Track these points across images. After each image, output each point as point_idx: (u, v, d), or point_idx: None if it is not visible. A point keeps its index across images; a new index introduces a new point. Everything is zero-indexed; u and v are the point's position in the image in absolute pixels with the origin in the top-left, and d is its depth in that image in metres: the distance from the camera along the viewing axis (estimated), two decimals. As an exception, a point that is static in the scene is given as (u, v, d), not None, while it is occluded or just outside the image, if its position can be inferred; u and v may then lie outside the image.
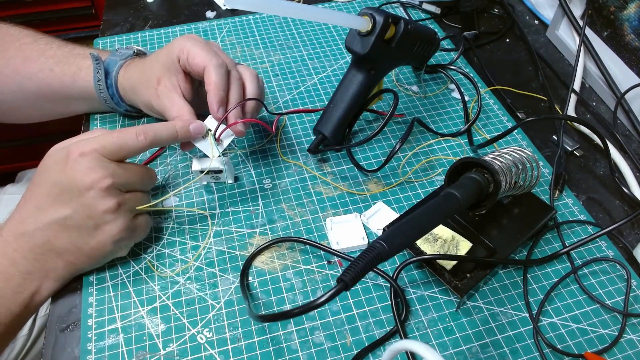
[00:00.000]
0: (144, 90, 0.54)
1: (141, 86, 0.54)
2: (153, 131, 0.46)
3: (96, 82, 0.57)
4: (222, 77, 0.50)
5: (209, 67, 0.49)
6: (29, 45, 0.58)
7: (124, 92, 0.58)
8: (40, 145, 1.28)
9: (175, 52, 0.51)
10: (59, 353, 0.44)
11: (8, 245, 0.44)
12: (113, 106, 0.59)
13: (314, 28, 0.78)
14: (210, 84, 0.49)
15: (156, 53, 0.55)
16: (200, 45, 0.51)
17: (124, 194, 0.45)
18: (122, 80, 0.57)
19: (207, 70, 0.49)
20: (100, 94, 0.57)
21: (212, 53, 0.50)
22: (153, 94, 0.52)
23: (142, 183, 0.47)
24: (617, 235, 0.52)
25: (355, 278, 0.33)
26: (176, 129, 0.47)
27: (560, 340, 0.44)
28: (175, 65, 0.52)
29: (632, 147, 0.60)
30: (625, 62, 0.63)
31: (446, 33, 0.76)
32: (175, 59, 0.51)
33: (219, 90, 0.49)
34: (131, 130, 0.45)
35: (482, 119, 0.64)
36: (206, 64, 0.49)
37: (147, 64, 0.55)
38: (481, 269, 0.46)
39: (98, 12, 1.13)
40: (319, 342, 0.44)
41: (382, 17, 0.50)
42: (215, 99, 0.49)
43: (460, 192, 0.41)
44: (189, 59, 0.50)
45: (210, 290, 0.47)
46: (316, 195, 0.55)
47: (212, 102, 0.49)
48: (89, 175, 0.42)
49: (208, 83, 0.49)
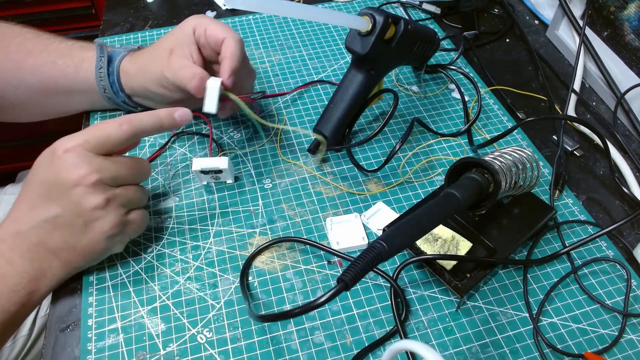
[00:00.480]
0: (154, 65, 0.53)
1: (151, 63, 0.54)
2: (137, 120, 0.45)
3: (97, 69, 0.56)
4: (240, 50, 0.51)
5: (229, 38, 0.50)
6: (31, 40, 0.58)
7: (126, 78, 0.57)
8: (40, 145, 1.28)
9: (190, 26, 0.52)
10: (59, 353, 0.44)
11: (4, 244, 0.43)
12: (111, 96, 0.58)
13: (314, 28, 0.78)
14: (227, 52, 0.50)
15: (166, 34, 0.55)
16: (220, 22, 0.52)
17: (113, 189, 0.44)
18: (127, 66, 0.57)
19: (227, 41, 0.50)
20: (100, 82, 0.57)
21: (232, 30, 0.51)
22: (165, 64, 0.52)
23: (133, 176, 0.46)
24: (617, 235, 0.52)
25: (355, 278, 0.33)
26: (160, 117, 0.46)
27: (560, 340, 0.44)
28: (189, 38, 0.52)
29: (632, 147, 0.60)
30: (625, 62, 0.63)
31: (446, 33, 0.76)
32: (190, 32, 0.52)
33: (235, 59, 0.50)
34: (113, 120, 0.44)
35: (482, 119, 0.64)
36: (226, 35, 0.50)
37: (157, 44, 0.55)
38: (481, 269, 0.46)
39: (98, 12, 1.13)
40: (319, 342, 0.44)
41: (382, 17, 0.50)
42: (229, 66, 0.50)
43: (460, 192, 0.41)
44: (207, 30, 0.51)
45: (210, 290, 0.47)
46: (316, 195, 0.55)
47: (225, 69, 0.50)
48: (74, 171, 0.42)
49: (225, 51, 0.50)
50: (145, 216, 0.48)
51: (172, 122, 0.47)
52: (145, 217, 0.48)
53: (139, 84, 0.56)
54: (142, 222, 0.48)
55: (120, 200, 0.44)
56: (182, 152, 0.60)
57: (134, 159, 0.46)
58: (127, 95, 0.59)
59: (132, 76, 0.57)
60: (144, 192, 0.48)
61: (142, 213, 0.48)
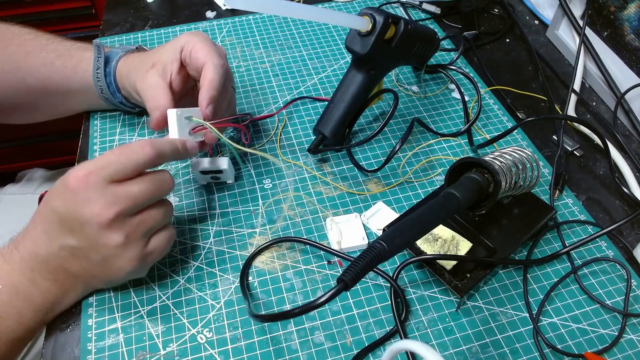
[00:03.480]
0: (136, 73, 0.53)
1: (136, 69, 0.54)
2: (158, 143, 0.42)
3: (95, 70, 0.56)
4: (219, 77, 0.49)
5: (209, 64, 0.49)
6: (30, 41, 0.58)
7: (120, 79, 0.57)
8: (40, 145, 1.29)
9: (180, 43, 0.51)
10: (59, 353, 0.44)
11: (25, 264, 0.42)
12: (109, 97, 0.58)
13: (314, 28, 0.78)
14: (205, 79, 0.49)
15: (161, 45, 0.55)
16: (208, 43, 0.51)
17: (132, 219, 0.40)
18: (121, 67, 0.56)
19: (206, 67, 0.49)
20: (97, 83, 0.57)
21: (217, 53, 0.50)
22: (141, 77, 0.51)
23: (154, 196, 0.42)
24: (617, 235, 0.52)
25: (355, 278, 0.33)
26: (177, 144, 0.45)
27: (560, 340, 0.44)
28: (175, 55, 0.51)
29: (632, 147, 0.60)
30: (625, 62, 0.63)
31: (446, 33, 0.76)
32: (178, 49, 0.51)
33: (213, 88, 0.49)
34: (133, 145, 0.41)
35: (482, 119, 0.64)
36: (207, 60, 0.49)
37: (150, 52, 0.55)
38: (481, 269, 0.46)
39: (98, 12, 1.13)
40: (319, 342, 0.44)
41: (382, 17, 0.50)
42: (207, 94, 0.48)
43: (460, 192, 0.41)
44: (192, 52, 0.50)
45: (210, 290, 0.47)
46: (316, 195, 0.55)
47: (203, 98, 0.48)
48: (87, 207, 0.38)
49: (204, 78, 0.49)
50: (169, 237, 0.45)
51: (186, 152, 0.46)
52: (169, 237, 0.45)
53: (127, 88, 0.56)
54: (167, 246, 0.44)
55: (140, 232, 0.41)
56: (182, 152, 0.60)
57: (152, 175, 0.42)
58: (123, 96, 0.59)
59: (123, 78, 0.56)
60: (167, 210, 0.44)
61: (165, 236, 0.44)
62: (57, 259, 0.42)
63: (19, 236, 0.43)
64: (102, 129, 0.62)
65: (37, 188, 0.80)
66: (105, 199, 0.38)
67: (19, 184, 0.82)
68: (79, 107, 0.63)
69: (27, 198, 0.77)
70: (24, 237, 0.43)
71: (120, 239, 0.39)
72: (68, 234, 0.40)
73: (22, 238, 0.43)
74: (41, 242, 0.42)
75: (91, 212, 0.38)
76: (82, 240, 0.40)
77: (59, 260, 0.42)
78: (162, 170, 0.44)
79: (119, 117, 0.63)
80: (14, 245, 0.43)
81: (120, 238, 0.39)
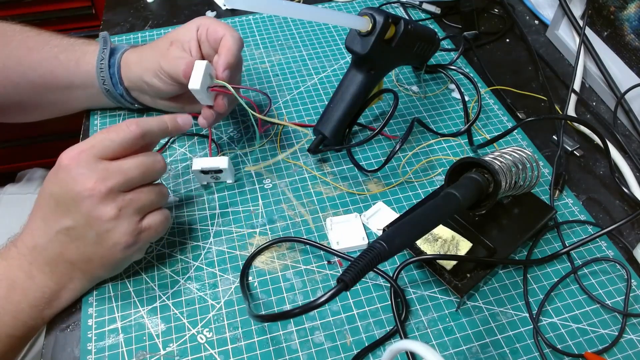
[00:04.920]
0: (154, 54, 0.54)
1: (151, 53, 0.55)
2: (143, 121, 0.43)
3: (99, 61, 0.56)
4: (238, 47, 0.51)
5: (227, 35, 0.51)
6: (32, 38, 0.58)
7: (127, 68, 0.57)
8: (40, 145, 1.28)
9: (195, 24, 0.54)
10: (59, 353, 0.44)
11: (23, 258, 0.43)
12: (110, 88, 0.58)
13: (314, 28, 0.78)
14: (224, 47, 0.51)
15: (172, 30, 0.56)
16: (222, 22, 0.53)
17: (125, 195, 0.41)
18: (129, 56, 0.57)
19: (225, 37, 0.51)
20: (99, 73, 0.57)
21: (233, 29, 0.52)
22: (164, 54, 0.53)
23: (146, 175, 0.43)
24: (617, 235, 0.52)
25: (355, 278, 0.33)
26: (165, 120, 0.45)
27: (560, 340, 0.44)
28: (192, 34, 0.53)
29: (632, 147, 0.60)
30: (625, 62, 0.63)
31: (446, 33, 0.76)
32: (193, 29, 0.53)
33: (231, 54, 0.51)
34: (120, 124, 0.42)
35: (482, 119, 0.64)
36: (226, 32, 0.51)
37: (160, 38, 0.56)
38: (481, 269, 0.46)
39: (98, 12, 1.13)
40: (319, 342, 0.44)
41: (382, 17, 0.50)
42: (225, 59, 0.50)
43: (460, 192, 0.41)
44: (209, 28, 0.52)
45: (210, 290, 0.47)
46: (316, 195, 0.55)
47: (221, 63, 0.50)
48: (80, 182, 0.39)
49: (222, 46, 0.51)
50: (163, 218, 0.45)
51: (176, 126, 0.47)
52: (163, 219, 0.45)
53: (136, 74, 0.56)
54: (161, 226, 0.45)
55: (133, 207, 0.42)
56: (182, 152, 0.60)
57: (144, 156, 0.43)
58: (125, 88, 0.58)
59: (131, 67, 0.57)
60: (161, 192, 0.45)
61: (159, 216, 0.45)
62: (55, 246, 0.42)
63: (17, 235, 0.44)
64: (102, 128, 0.62)
65: (37, 188, 0.80)
66: (98, 174, 0.40)
67: (19, 184, 0.82)
68: (80, 103, 0.62)
69: (27, 198, 0.77)
70: (22, 232, 0.44)
71: (113, 211, 0.40)
72: (64, 215, 0.41)
73: (20, 234, 0.44)
74: (39, 230, 0.43)
75: (84, 187, 0.40)
76: (77, 218, 0.41)
77: (56, 248, 0.42)
78: (154, 153, 0.45)
79: (119, 117, 0.63)
80: (12, 243, 0.44)
81: (113, 210, 0.40)
